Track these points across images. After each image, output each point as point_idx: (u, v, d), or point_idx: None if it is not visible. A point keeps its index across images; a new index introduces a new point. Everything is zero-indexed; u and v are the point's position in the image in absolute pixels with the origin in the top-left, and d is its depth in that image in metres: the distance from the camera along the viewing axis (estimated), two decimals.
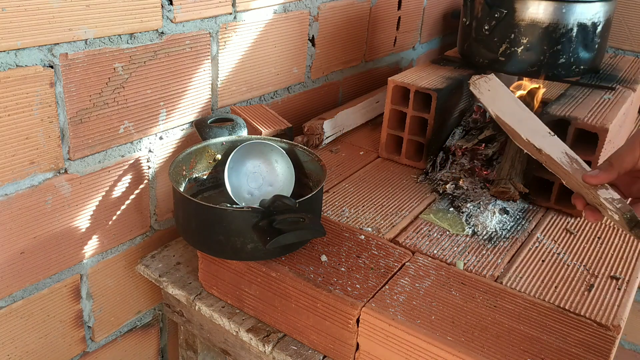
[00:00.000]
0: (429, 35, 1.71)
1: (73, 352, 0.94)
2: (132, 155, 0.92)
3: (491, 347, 0.69)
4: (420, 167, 1.13)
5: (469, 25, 1.18)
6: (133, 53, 0.85)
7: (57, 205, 0.83)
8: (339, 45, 1.32)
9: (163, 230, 1.03)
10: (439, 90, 1.07)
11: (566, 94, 1.11)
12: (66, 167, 0.83)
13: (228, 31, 1.00)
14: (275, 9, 1.09)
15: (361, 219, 0.94)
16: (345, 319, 0.75)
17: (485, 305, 0.76)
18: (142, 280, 1.00)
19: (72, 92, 0.79)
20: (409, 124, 1.11)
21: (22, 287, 0.83)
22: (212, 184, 0.95)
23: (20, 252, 0.81)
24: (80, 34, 0.77)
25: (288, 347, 0.80)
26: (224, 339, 0.91)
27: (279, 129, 1.01)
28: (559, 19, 1.07)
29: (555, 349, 0.69)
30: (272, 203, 0.76)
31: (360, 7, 1.34)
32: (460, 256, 0.86)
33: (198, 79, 0.98)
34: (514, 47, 1.11)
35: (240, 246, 0.77)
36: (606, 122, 0.96)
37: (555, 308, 0.76)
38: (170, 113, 0.95)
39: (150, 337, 1.08)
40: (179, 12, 0.89)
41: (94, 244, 0.91)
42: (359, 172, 1.10)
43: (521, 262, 0.86)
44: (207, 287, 0.89)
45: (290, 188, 0.91)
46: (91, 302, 0.94)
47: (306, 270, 0.80)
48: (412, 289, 0.78)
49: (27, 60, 0.73)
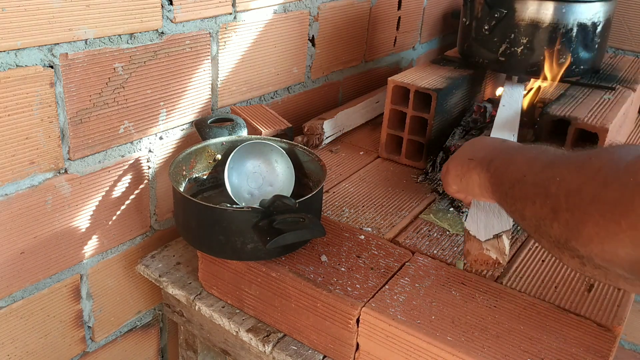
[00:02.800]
0: (429, 35, 1.71)
1: (73, 352, 0.94)
2: (132, 155, 0.92)
3: (491, 347, 0.69)
4: (420, 167, 1.13)
5: (469, 25, 1.18)
6: (133, 53, 0.85)
7: (57, 205, 0.83)
8: (339, 45, 1.32)
9: (163, 230, 1.03)
10: (438, 90, 1.07)
11: (566, 94, 1.11)
12: (66, 167, 0.83)
13: (228, 31, 1.00)
14: (275, 9, 1.09)
15: (361, 219, 0.94)
16: (345, 319, 0.75)
17: (485, 305, 0.76)
18: (142, 280, 1.00)
19: (72, 92, 0.79)
20: (408, 124, 1.11)
21: (22, 287, 0.83)
22: (212, 184, 0.95)
23: (20, 252, 0.81)
24: (80, 34, 0.77)
25: (288, 347, 0.80)
26: (224, 339, 0.91)
27: (279, 129, 1.01)
28: (559, 19, 1.07)
29: (555, 349, 0.69)
30: (272, 203, 0.76)
31: (360, 7, 1.34)
32: (460, 256, 0.86)
33: (198, 79, 0.98)
34: (514, 47, 1.11)
35: (240, 246, 0.77)
36: (606, 122, 0.96)
37: (555, 308, 0.76)
38: (170, 113, 0.95)
39: (150, 337, 1.08)
40: (179, 12, 0.89)
41: (94, 244, 0.91)
42: (359, 172, 1.10)
43: (521, 262, 0.86)
44: (207, 287, 0.89)
45: (290, 188, 0.91)
46: (91, 302, 0.94)
47: (306, 270, 0.80)
48: (412, 289, 0.78)
49: (27, 60, 0.73)
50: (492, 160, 0.69)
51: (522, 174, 0.60)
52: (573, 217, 0.50)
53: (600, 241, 0.47)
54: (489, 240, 0.75)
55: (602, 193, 0.47)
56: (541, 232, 0.55)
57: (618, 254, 0.46)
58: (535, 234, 0.57)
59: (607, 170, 0.48)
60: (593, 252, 0.48)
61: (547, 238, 0.54)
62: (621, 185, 0.46)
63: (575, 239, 0.50)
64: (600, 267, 0.51)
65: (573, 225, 0.50)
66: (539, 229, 0.55)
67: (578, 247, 0.50)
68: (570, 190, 0.51)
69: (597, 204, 0.47)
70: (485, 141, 0.78)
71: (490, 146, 0.73)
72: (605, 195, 0.47)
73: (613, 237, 0.46)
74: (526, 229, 0.61)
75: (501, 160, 0.67)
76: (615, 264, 0.47)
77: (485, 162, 0.70)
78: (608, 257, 0.47)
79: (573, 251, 0.51)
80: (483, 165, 0.71)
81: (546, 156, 0.59)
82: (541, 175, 0.56)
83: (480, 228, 0.77)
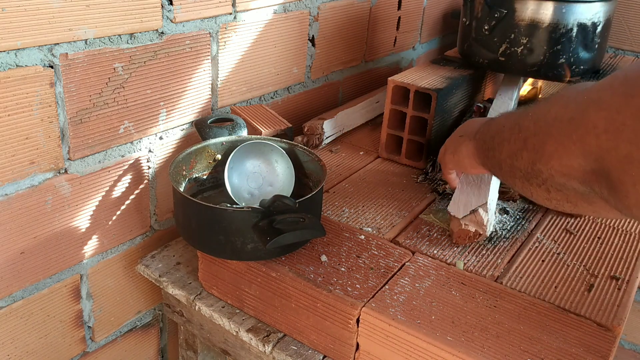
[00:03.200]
0: (429, 35, 1.71)
1: (73, 352, 0.94)
2: (132, 155, 0.92)
3: (491, 347, 0.69)
4: (420, 167, 1.13)
5: (469, 25, 1.18)
6: (133, 53, 0.85)
7: (57, 205, 0.83)
8: (339, 45, 1.32)
9: (163, 230, 1.03)
10: (438, 90, 1.07)
11: None
12: (66, 167, 0.83)
13: (228, 31, 1.00)
14: (275, 9, 1.09)
15: (361, 219, 0.94)
16: (345, 319, 0.75)
17: (485, 305, 0.76)
18: (142, 280, 1.00)
19: (72, 92, 0.79)
20: (408, 124, 1.11)
21: (22, 287, 0.83)
22: (212, 184, 0.95)
23: (20, 252, 0.81)
24: (80, 34, 0.77)
25: (288, 347, 0.80)
26: (224, 339, 0.91)
27: (279, 129, 1.01)
28: (559, 19, 1.07)
29: (555, 349, 0.69)
30: (272, 203, 0.76)
31: (360, 7, 1.34)
32: (460, 256, 0.86)
33: (198, 79, 0.98)
34: (514, 47, 1.11)
35: (240, 246, 0.77)
36: None
37: (555, 308, 0.76)
38: (170, 113, 0.95)
39: (150, 337, 1.08)
40: (179, 12, 0.89)
41: (94, 244, 0.91)
42: (359, 172, 1.10)
43: (521, 262, 0.86)
44: (207, 287, 0.89)
45: (290, 188, 0.91)
46: (91, 302, 0.94)
47: (306, 270, 0.80)
48: (412, 289, 0.78)
49: (27, 60, 0.73)
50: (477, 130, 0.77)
51: (501, 125, 0.67)
52: (538, 140, 0.57)
53: (559, 156, 0.53)
54: (467, 216, 0.86)
55: (562, 113, 0.53)
56: (514, 170, 0.62)
57: (572, 165, 0.52)
58: (509, 176, 0.64)
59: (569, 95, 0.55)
60: (553, 168, 0.54)
61: (518, 173, 0.61)
62: (577, 103, 0.52)
63: (539, 159, 0.56)
64: (561, 189, 0.56)
65: (538, 146, 0.57)
66: (512, 168, 0.62)
67: (541, 168, 0.56)
68: (539, 117, 0.57)
69: (557, 123, 0.54)
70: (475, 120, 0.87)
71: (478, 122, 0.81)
72: (563, 114, 0.53)
73: (567, 150, 0.52)
74: (503, 178, 0.69)
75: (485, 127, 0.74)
76: (572, 177, 0.53)
77: (472, 134, 0.79)
78: (565, 170, 0.53)
79: (538, 176, 0.58)
80: (470, 136, 0.80)
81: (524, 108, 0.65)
82: (516, 117, 0.64)
83: (460, 208, 0.88)
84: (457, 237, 0.88)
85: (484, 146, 0.72)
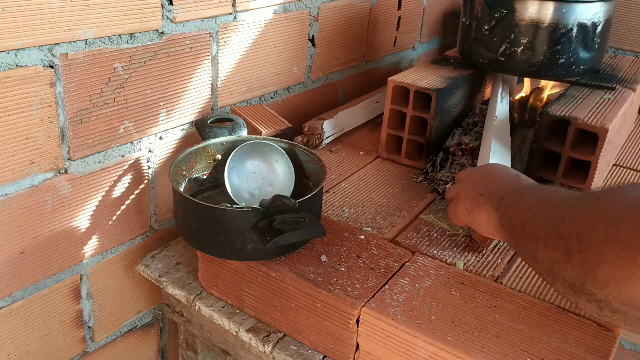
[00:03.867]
0: (429, 35, 1.71)
1: (73, 352, 0.94)
2: (132, 155, 0.92)
3: (491, 347, 0.69)
4: (420, 167, 1.13)
5: (469, 25, 1.18)
6: (133, 53, 0.85)
7: (57, 205, 0.83)
8: (339, 45, 1.32)
9: (163, 230, 1.03)
10: (438, 90, 1.07)
11: (566, 94, 1.11)
12: (66, 167, 0.83)
13: (228, 31, 1.00)
14: (275, 9, 1.09)
15: (361, 219, 0.94)
16: (345, 319, 0.75)
17: (485, 305, 0.76)
18: (142, 280, 1.00)
19: (72, 92, 0.79)
20: (408, 124, 1.11)
21: (22, 287, 0.83)
22: (212, 184, 0.95)
23: (20, 252, 0.81)
24: (80, 34, 0.77)
25: (288, 347, 0.80)
26: (224, 339, 0.91)
27: (279, 129, 1.01)
28: (559, 19, 1.07)
29: (555, 349, 0.69)
30: (272, 203, 0.76)
31: (360, 7, 1.34)
32: (460, 256, 0.86)
33: (198, 79, 0.98)
34: (514, 47, 1.11)
35: (240, 246, 0.77)
36: (606, 122, 0.96)
37: (555, 308, 0.76)
38: (170, 113, 0.95)
39: (150, 337, 1.08)
40: (179, 12, 0.89)
41: (94, 244, 0.91)
42: (359, 172, 1.10)
43: (521, 262, 0.86)
44: (207, 287, 0.89)
45: (290, 188, 0.91)
46: (91, 302, 0.94)
47: (306, 270, 0.80)
48: (412, 289, 0.78)
49: (27, 60, 0.73)
50: (502, 198, 0.69)
51: (532, 214, 0.59)
52: (586, 259, 0.49)
53: (618, 283, 0.46)
54: None
55: (614, 232, 0.46)
56: (555, 274, 0.54)
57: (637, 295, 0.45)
58: (549, 276, 0.56)
59: (616, 209, 0.48)
60: (611, 294, 0.47)
61: (562, 281, 0.53)
62: (632, 223, 0.45)
63: (591, 281, 0.49)
64: (619, 311, 0.50)
65: (587, 267, 0.49)
66: (552, 271, 0.55)
67: (594, 290, 0.49)
68: (581, 231, 0.50)
69: (610, 244, 0.46)
70: (498, 172, 0.78)
71: (502, 180, 0.74)
72: (617, 234, 0.46)
73: (630, 277, 0.45)
74: (539, 272, 0.61)
75: (511, 199, 0.67)
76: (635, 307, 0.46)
77: (495, 200, 0.71)
78: (627, 300, 0.46)
79: (589, 295, 0.50)
80: (493, 202, 0.71)
81: (556, 196, 0.58)
82: (551, 215, 0.56)
83: None
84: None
85: (511, 228, 0.65)
